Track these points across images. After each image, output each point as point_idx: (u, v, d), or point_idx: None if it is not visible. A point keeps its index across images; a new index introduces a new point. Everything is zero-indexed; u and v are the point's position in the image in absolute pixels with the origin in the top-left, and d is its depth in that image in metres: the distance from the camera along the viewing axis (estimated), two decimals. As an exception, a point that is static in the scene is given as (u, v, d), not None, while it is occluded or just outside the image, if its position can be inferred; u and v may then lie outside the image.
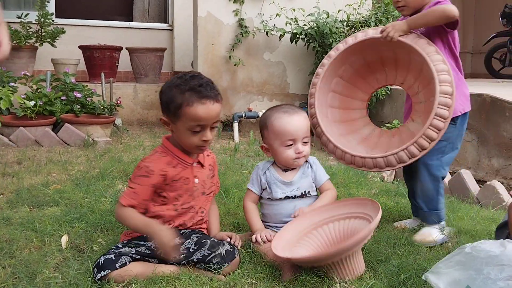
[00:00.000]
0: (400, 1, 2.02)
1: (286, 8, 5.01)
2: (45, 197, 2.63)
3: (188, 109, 1.72)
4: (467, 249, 1.41)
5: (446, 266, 1.41)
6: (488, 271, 1.31)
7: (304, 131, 1.96)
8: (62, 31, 5.73)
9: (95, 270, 1.66)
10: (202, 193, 1.92)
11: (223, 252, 1.74)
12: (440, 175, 2.09)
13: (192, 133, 1.76)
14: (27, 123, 4.23)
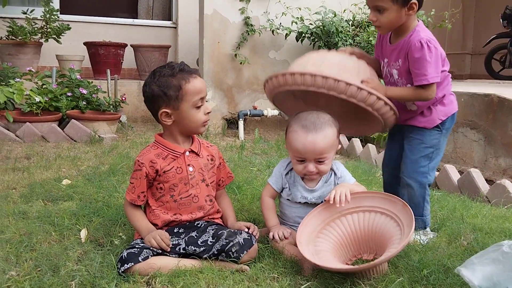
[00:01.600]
0: (375, 21, 1.99)
1: (292, 7, 5.02)
2: (58, 191, 2.63)
3: (187, 86, 1.82)
4: (505, 247, 1.39)
5: (481, 262, 1.40)
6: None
7: (317, 153, 1.87)
8: (68, 28, 5.73)
9: (119, 264, 1.68)
10: (201, 180, 1.93)
11: (241, 240, 1.76)
12: (427, 182, 2.11)
13: (197, 110, 1.86)
14: (33, 118, 4.22)
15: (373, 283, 1.65)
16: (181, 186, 1.89)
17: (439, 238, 2.13)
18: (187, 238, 1.83)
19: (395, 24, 1.98)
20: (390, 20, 1.96)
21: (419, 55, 1.93)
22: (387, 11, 1.94)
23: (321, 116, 1.91)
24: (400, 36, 2.04)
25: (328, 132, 1.88)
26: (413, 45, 1.95)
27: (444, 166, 3.22)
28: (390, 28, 2.02)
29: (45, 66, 6.03)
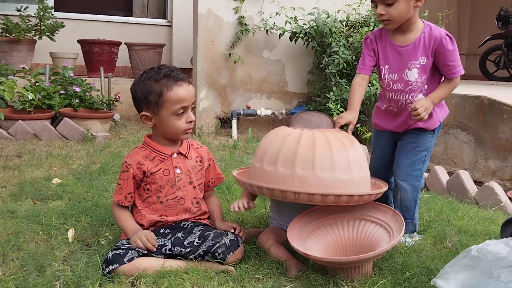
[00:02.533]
0: (383, 15, 1.94)
1: (286, 7, 5.03)
2: (48, 190, 2.63)
3: (169, 94, 1.81)
4: (473, 252, 1.41)
5: (453, 271, 1.41)
6: (498, 274, 1.31)
7: None
8: (62, 25, 5.72)
9: (104, 265, 1.68)
10: (188, 182, 1.94)
11: (227, 242, 1.78)
12: (419, 185, 2.13)
13: (177, 117, 1.84)
14: (25, 116, 4.22)
15: (356, 284, 1.67)
16: (168, 187, 1.89)
17: (425, 240, 2.14)
18: (173, 239, 1.83)
19: (405, 17, 1.94)
20: (400, 13, 1.93)
21: (453, 47, 1.97)
22: (396, 3, 1.91)
23: (323, 119, 1.92)
24: (410, 33, 2.01)
25: None
26: (444, 39, 1.96)
27: (434, 168, 3.24)
28: (400, 21, 1.96)
29: (39, 63, 6.02)
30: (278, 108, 5.33)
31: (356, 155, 1.79)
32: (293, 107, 5.41)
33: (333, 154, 1.73)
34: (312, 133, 1.79)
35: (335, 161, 1.72)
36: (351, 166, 1.75)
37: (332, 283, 1.66)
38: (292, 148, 1.75)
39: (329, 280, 1.67)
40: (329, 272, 1.74)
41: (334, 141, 1.76)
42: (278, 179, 1.75)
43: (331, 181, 1.72)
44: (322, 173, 1.72)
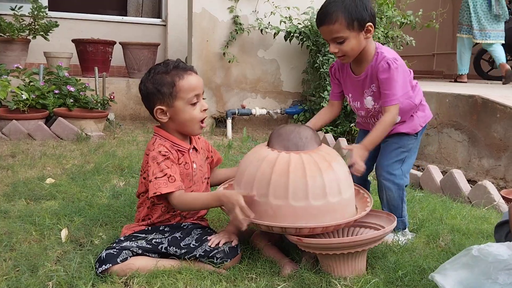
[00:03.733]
0: (337, 52, 1.97)
1: (281, 7, 5.03)
2: (41, 190, 2.63)
3: (181, 82, 1.82)
4: (474, 252, 1.41)
5: (452, 268, 1.41)
6: (496, 276, 1.31)
7: None
8: (56, 25, 5.70)
9: (97, 264, 1.68)
10: (201, 177, 1.96)
11: (226, 249, 1.77)
12: (403, 183, 2.13)
13: (192, 107, 1.84)
14: (19, 116, 4.21)
15: (349, 283, 1.67)
16: (186, 182, 1.89)
17: (418, 239, 2.15)
18: (170, 238, 1.83)
19: (357, 50, 1.98)
20: (352, 48, 1.97)
21: (387, 75, 1.97)
22: (346, 40, 1.94)
23: (302, 135, 1.83)
24: (364, 62, 2.05)
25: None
26: (381, 67, 1.98)
27: (428, 167, 3.25)
28: (354, 55, 2.01)
29: (33, 63, 6.00)
30: (273, 107, 5.33)
31: (333, 178, 1.73)
32: (288, 107, 5.41)
33: (307, 181, 1.69)
34: (288, 157, 1.74)
35: (308, 188, 1.69)
36: (327, 191, 1.71)
37: (325, 282, 1.67)
38: (266, 175, 1.72)
39: (322, 279, 1.68)
40: (323, 267, 1.74)
41: (309, 166, 1.71)
42: (253, 207, 1.72)
43: (304, 209, 1.70)
44: (295, 202, 1.69)
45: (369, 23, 1.94)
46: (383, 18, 4.96)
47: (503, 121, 3.36)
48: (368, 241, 1.70)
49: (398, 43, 5.13)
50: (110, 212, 2.27)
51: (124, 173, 3.08)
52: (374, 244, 1.74)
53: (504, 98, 3.54)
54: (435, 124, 3.93)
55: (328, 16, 1.92)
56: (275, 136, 1.85)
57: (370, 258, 1.86)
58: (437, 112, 3.92)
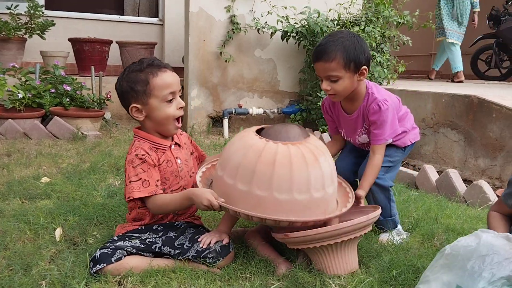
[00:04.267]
0: (329, 90, 2.01)
1: (278, 6, 5.03)
2: (36, 189, 2.62)
3: (155, 80, 1.79)
4: (447, 251, 1.44)
5: (432, 273, 1.43)
6: (472, 265, 1.34)
7: None
8: (52, 23, 5.69)
9: (91, 264, 1.68)
10: (187, 172, 1.95)
11: (218, 248, 1.76)
12: (388, 185, 2.16)
13: (167, 104, 1.82)
14: (15, 115, 4.20)
15: (343, 283, 1.67)
16: (172, 178, 1.89)
17: (413, 238, 2.16)
18: (164, 238, 1.83)
19: (349, 90, 2.02)
20: (345, 88, 2.00)
21: (377, 117, 2.04)
22: (340, 80, 1.97)
23: (290, 133, 1.80)
24: (355, 102, 2.11)
25: None
26: (372, 109, 2.04)
27: (423, 166, 3.25)
28: (345, 95, 2.04)
29: (29, 62, 5.99)
30: (269, 107, 5.33)
31: (318, 173, 1.70)
32: (284, 106, 5.41)
33: (292, 173, 1.66)
34: (276, 147, 1.69)
35: (293, 181, 1.67)
36: (311, 185, 1.69)
37: (320, 281, 1.67)
38: (252, 164, 1.67)
39: (316, 279, 1.68)
40: (316, 266, 1.74)
41: (296, 158, 1.68)
42: (235, 196, 1.70)
43: (287, 202, 1.67)
44: (279, 194, 1.67)
45: (364, 66, 1.99)
46: (380, 18, 4.96)
47: (499, 121, 3.36)
48: (353, 228, 1.68)
49: (395, 43, 5.14)
50: (105, 212, 2.27)
51: (119, 172, 3.07)
52: (360, 232, 1.72)
53: (500, 98, 3.54)
54: (431, 124, 3.93)
55: (326, 54, 1.95)
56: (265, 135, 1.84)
57: (365, 257, 1.86)
58: (434, 112, 3.92)
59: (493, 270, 1.31)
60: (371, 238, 2.09)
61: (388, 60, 4.92)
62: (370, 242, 2.02)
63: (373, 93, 2.06)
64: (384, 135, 2.05)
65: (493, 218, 1.73)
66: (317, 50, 1.99)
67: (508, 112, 3.30)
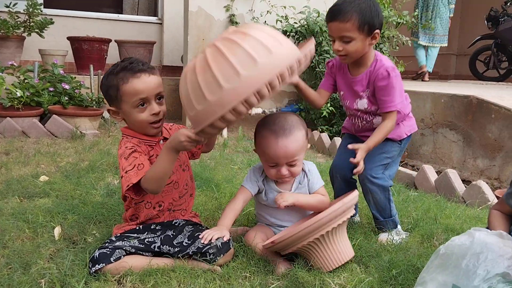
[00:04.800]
0: (341, 51, 1.99)
1: (277, 6, 5.03)
2: (35, 188, 2.61)
3: (125, 87, 1.77)
4: (441, 251, 1.44)
5: (428, 274, 1.44)
6: (466, 263, 1.35)
7: (289, 157, 1.85)
8: (51, 22, 5.68)
9: (90, 264, 1.67)
10: (179, 166, 1.94)
11: (219, 244, 1.76)
12: (388, 185, 2.15)
13: (139, 110, 1.79)
14: (14, 113, 4.19)
15: (343, 282, 1.67)
16: None
17: (412, 238, 2.16)
18: (162, 237, 1.83)
19: (360, 53, 2.02)
20: (356, 50, 1.99)
21: (386, 83, 2.01)
22: (353, 41, 1.97)
23: (288, 119, 1.87)
24: (362, 66, 2.09)
25: (297, 135, 1.86)
26: (380, 74, 2.02)
27: (422, 167, 3.25)
28: (356, 57, 2.04)
29: (28, 60, 5.98)
30: (268, 106, 5.33)
31: (254, 42, 1.53)
32: (283, 106, 5.41)
33: (213, 68, 1.51)
34: (200, 54, 1.59)
35: (234, 64, 1.50)
36: (254, 55, 1.52)
37: (319, 280, 1.66)
38: (195, 83, 1.55)
39: (315, 278, 1.67)
40: (314, 265, 1.74)
41: (212, 55, 1.54)
42: (203, 116, 1.56)
43: (238, 83, 1.50)
44: (228, 83, 1.50)
45: (377, 30, 1.98)
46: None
47: (498, 122, 3.37)
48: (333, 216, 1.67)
49: (394, 43, 5.14)
50: (103, 210, 2.26)
51: (118, 171, 3.06)
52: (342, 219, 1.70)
53: (499, 98, 3.55)
54: (430, 124, 3.94)
55: (342, 14, 1.94)
56: (260, 124, 1.90)
57: (364, 257, 1.86)
58: (432, 112, 3.92)
59: (488, 267, 1.32)
60: (370, 238, 2.09)
61: (387, 60, 4.92)
62: (370, 242, 2.02)
63: (381, 60, 2.05)
64: (394, 101, 2.01)
65: (494, 217, 1.73)
66: (333, 9, 1.98)
67: (507, 112, 3.31)
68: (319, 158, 4.08)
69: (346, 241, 1.79)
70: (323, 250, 1.72)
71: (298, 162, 1.90)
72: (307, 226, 1.67)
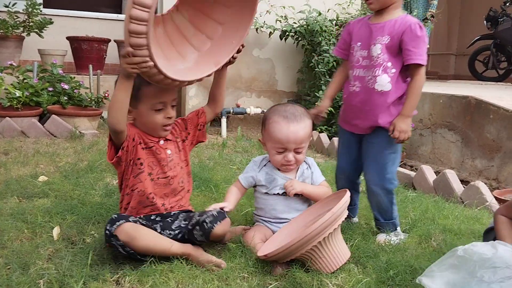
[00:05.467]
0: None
1: (277, 6, 5.03)
2: (34, 188, 2.62)
3: (147, 88, 1.81)
4: (459, 252, 1.43)
5: (439, 269, 1.44)
6: (482, 274, 1.34)
7: (299, 142, 1.94)
8: (50, 22, 5.67)
9: (108, 225, 1.71)
10: (177, 163, 1.97)
11: (214, 213, 1.83)
12: (393, 187, 2.14)
13: (155, 112, 1.86)
14: (13, 113, 4.19)
15: (340, 283, 1.68)
16: (160, 167, 1.92)
17: (410, 239, 2.16)
18: (162, 223, 1.90)
19: (390, 1, 2.03)
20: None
21: (420, 34, 1.99)
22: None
23: (297, 108, 1.99)
24: (387, 15, 2.07)
25: (306, 123, 1.97)
26: (413, 25, 2.00)
27: (421, 167, 3.26)
28: (384, 4, 2.04)
29: (27, 60, 5.97)
30: (267, 106, 5.32)
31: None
32: (282, 106, 5.41)
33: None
34: None
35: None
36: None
37: (317, 281, 1.67)
38: None
39: (313, 279, 1.68)
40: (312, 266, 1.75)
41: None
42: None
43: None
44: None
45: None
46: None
47: (496, 122, 3.37)
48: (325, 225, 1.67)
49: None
50: (102, 211, 2.27)
51: (117, 172, 3.07)
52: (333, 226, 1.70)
53: (497, 99, 3.56)
54: (429, 124, 3.95)
55: None
56: (271, 111, 2.01)
57: (362, 257, 1.87)
58: (431, 112, 3.93)
59: (503, 284, 1.30)
60: (368, 239, 2.09)
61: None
62: (368, 242, 2.02)
63: (409, 17, 2.06)
64: (423, 55, 2.01)
65: (503, 225, 1.69)
66: None
67: (505, 113, 3.32)
68: (318, 158, 4.09)
69: (341, 244, 1.80)
70: (319, 257, 1.72)
71: (304, 150, 1.99)
72: (298, 239, 1.67)
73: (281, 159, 1.97)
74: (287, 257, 1.73)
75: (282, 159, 1.97)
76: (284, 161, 1.97)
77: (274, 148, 1.98)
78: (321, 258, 1.72)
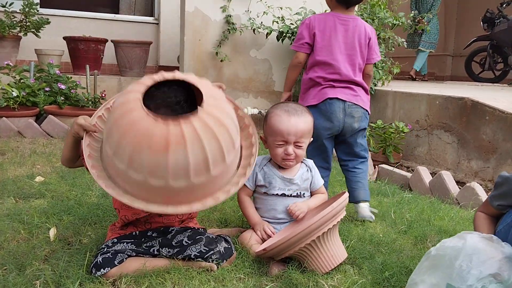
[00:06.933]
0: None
1: (274, 7, 5.04)
2: (30, 189, 2.62)
3: None
4: (432, 252, 1.48)
5: (419, 276, 1.47)
6: (459, 264, 1.38)
7: (299, 134, 1.96)
8: (47, 22, 5.67)
9: (93, 270, 1.66)
10: None
11: (222, 249, 1.77)
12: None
13: None
14: (9, 113, 4.18)
15: (336, 283, 1.68)
16: None
17: (406, 240, 2.17)
18: (161, 239, 1.82)
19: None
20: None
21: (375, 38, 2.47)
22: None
23: (299, 105, 2.06)
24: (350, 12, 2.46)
25: (307, 118, 2.01)
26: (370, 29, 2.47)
27: (417, 168, 3.27)
28: None
29: (23, 60, 5.97)
30: (264, 107, 5.34)
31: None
32: (279, 107, 5.42)
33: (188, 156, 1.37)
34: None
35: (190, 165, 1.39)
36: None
37: (313, 282, 1.68)
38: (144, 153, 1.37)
39: (309, 279, 1.69)
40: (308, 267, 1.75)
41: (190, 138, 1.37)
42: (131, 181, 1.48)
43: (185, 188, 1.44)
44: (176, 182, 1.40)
45: None
46: (375, 20, 4.98)
47: (492, 124, 3.39)
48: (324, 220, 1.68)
49: (390, 44, 5.16)
50: (99, 211, 2.27)
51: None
52: (332, 222, 1.71)
53: (493, 100, 3.57)
54: (425, 125, 3.96)
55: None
56: (273, 107, 2.05)
57: (358, 258, 1.87)
58: (427, 114, 3.94)
59: (481, 268, 1.36)
60: (364, 240, 2.10)
61: (383, 61, 4.94)
62: (363, 243, 2.03)
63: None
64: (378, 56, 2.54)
65: (479, 220, 1.76)
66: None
67: (501, 114, 3.33)
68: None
69: (338, 244, 1.80)
70: (316, 254, 1.73)
71: (304, 145, 2.01)
72: (298, 232, 1.68)
73: (281, 152, 1.99)
74: (286, 251, 1.72)
75: (282, 152, 1.99)
76: (284, 155, 1.99)
77: (274, 141, 2.00)
78: (318, 255, 1.72)
